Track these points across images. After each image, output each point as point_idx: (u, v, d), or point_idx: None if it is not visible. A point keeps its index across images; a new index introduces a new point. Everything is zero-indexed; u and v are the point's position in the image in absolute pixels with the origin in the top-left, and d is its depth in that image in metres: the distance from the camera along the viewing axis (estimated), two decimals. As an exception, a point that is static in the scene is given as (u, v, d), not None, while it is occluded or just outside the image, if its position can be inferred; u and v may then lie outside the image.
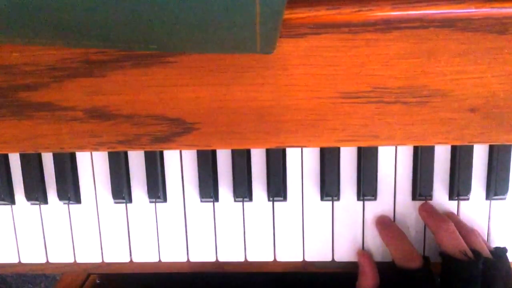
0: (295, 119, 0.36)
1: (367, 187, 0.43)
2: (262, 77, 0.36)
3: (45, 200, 0.46)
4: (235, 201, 0.45)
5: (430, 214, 0.42)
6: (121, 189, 0.45)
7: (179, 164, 0.45)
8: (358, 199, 0.44)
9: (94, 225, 0.46)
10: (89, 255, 0.47)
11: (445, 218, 0.41)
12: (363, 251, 0.45)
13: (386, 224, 0.43)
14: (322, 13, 0.32)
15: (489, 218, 0.44)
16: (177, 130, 0.37)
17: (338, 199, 0.44)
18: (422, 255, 0.41)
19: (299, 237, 0.45)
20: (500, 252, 0.40)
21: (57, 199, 0.46)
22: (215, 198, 0.45)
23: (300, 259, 0.46)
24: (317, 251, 0.46)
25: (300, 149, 0.44)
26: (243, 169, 0.43)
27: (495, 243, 0.44)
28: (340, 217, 0.45)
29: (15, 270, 0.49)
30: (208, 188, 0.44)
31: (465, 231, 0.41)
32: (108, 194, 0.46)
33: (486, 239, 0.44)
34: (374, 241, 0.45)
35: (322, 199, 0.44)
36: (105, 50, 0.36)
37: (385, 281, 0.42)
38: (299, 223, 0.45)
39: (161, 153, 0.45)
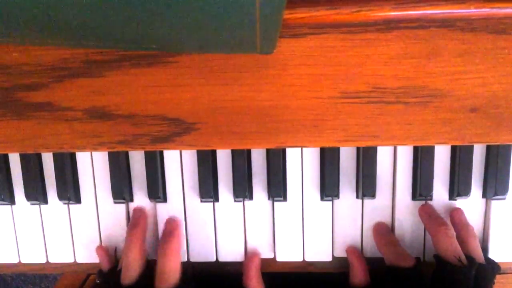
0: (295, 119, 0.36)
1: (367, 187, 0.43)
2: (262, 77, 0.36)
3: (45, 200, 0.46)
4: (235, 201, 0.45)
5: (429, 216, 0.42)
6: (121, 189, 0.45)
7: (179, 164, 0.45)
8: (358, 199, 0.44)
9: (94, 225, 0.46)
10: (89, 255, 0.47)
11: (444, 221, 0.41)
12: (352, 248, 0.45)
13: (380, 232, 0.44)
14: (322, 13, 0.32)
15: (489, 218, 0.44)
16: (177, 130, 0.37)
17: (338, 199, 0.44)
18: (414, 257, 0.41)
19: (299, 237, 0.45)
20: (493, 263, 0.40)
21: (57, 199, 0.46)
22: (215, 198, 0.45)
23: (300, 259, 0.46)
24: (317, 251, 0.46)
25: (300, 149, 0.44)
26: (243, 169, 0.43)
27: (495, 243, 0.44)
28: (340, 217, 0.45)
29: (15, 270, 0.49)
30: (208, 188, 0.44)
31: (464, 233, 0.41)
32: (108, 194, 0.46)
33: (485, 239, 0.44)
34: (374, 242, 0.45)
35: (322, 199, 0.44)
36: (105, 50, 0.36)
37: (378, 279, 0.42)
38: (299, 223, 0.45)
39: (161, 153, 0.45)
